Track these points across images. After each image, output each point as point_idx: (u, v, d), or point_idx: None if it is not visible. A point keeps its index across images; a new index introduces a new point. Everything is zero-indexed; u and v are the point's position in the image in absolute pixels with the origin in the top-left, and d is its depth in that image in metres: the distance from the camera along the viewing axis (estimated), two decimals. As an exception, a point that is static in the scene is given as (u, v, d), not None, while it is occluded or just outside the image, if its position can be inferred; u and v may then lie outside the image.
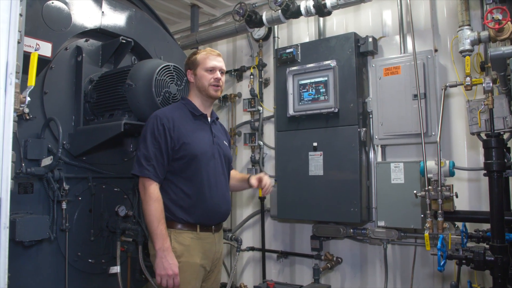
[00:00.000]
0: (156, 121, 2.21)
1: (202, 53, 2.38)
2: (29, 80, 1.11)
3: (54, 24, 2.60)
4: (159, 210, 2.14)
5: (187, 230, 2.23)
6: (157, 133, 2.19)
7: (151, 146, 2.18)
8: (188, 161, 2.22)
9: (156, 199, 2.15)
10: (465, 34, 2.37)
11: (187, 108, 2.36)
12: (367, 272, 3.79)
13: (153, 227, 2.12)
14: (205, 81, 2.33)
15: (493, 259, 2.20)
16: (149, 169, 2.16)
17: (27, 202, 2.45)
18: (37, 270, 2.50)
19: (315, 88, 3.66)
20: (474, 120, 2.52)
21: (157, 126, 2.20)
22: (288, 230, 4.30)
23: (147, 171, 2.16)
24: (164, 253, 2.10)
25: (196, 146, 2.24)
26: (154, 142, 2.19)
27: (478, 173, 3.22)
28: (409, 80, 3.30)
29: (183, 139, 2.22)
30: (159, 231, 2.11)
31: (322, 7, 3.50)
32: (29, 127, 2.48)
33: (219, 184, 2.32)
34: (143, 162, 2.17)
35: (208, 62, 2.34)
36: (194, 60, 2.38)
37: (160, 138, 2.19)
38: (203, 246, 2.28)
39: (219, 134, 2.48)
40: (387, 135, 3.46)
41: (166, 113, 2.27)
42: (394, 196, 3.27)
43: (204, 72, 2.33)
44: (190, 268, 2.20)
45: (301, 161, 3.72)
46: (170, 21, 5.16)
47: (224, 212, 2.38)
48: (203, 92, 2.35)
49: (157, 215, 2.12)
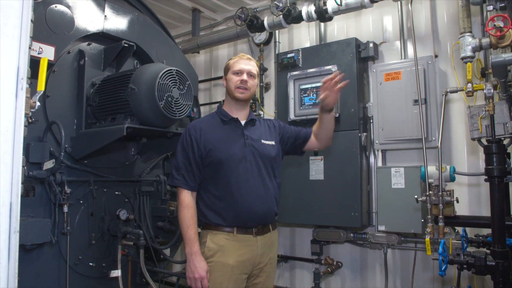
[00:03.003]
0: (185, 133, 2.35)
1: (234, 58, 2.44)
2: (39, 85, 1.12)
3: (57, 28, 2.61)
4: (188, 216, 2.23)
5: (223, 232, 2.26)
6: (185, 144, 2.31)
7: (180, 157, 2.31)
8: (216, 166, 2.27)
9: (186, 206, 2.26)
10: (467, 41, 2.38)
11: (218, 116, 2.43)
12: (367, 277, 3.79)
13: (183, 232, 2.23)
14: (232, 84, 2.36)
15: (494, 264, 2.21)
16: (178, 178, 2.28)
17: (28, 205, 2.45)
18: (38, 273, 2.50)
19: (316, 93, 3.67)
20: (475, 125, 2.54)
21: (185, 137, 2.33)
22: (288, 234, 4.30)
23: (176, 180, 2.28)
24: (192, 256, 2.18)
25: (222, 151, 2.28)
26: (183, 153, 2.31)
27: (477, 178, 3.23)
28: (410, 86, 3.32)
29: (209, 146, 2.28)
30: (188, 235, 2.21)
31: (323, 13, 3.52)
32: (31, 130, 2.49)
33: (252, 186, 2.28)
34: (173, 172, 2.31)
35: (236, 65, 2.37)
36: (227, 66, 2.45)
37: (187, 148, 2.30)
38: (241, 249, 2.24)
39: (258, 135, 2.42)
40: (387, 140, 3.47)
41: (195, 124, 2.38)
42: (394, 200, 3.28)
43: (232, 75, 2.37)
44: (223, 268, 2.20)
45: (301, 166, 3.73)
46: (171, 25, 5.18)
47: (262, 214, 2.31)
48: (230, 95, 2.38)
49: (186, 220, 2.23)
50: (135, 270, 3.02)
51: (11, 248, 0.90)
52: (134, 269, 3.01)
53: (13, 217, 0.92)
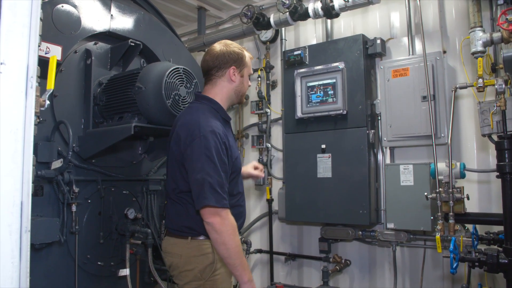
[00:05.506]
0: (218, 140, 1.95)
1: (247, 54, 2.17)
2: (48, 84, 1.12)
3: (64, 28, 2.61)
4: (239, 242, 1.98)
5: None
6: (223, 155, 1.95)
7: (221, 171, 1.93)
8: (236, 176, 2.09)
9: (236, 229, 1.96)
10: (477, 36, 2.36)
11: (219, 114, 2.12)
12: (376, 275, 3.77)
13: (239, 260, 1.93)
14: (246, 86, 2.15)
15: (507, 261, 2.18)
16: (225, 197, 1.91)
17: (37, 204, 2.44)
18: (47, 272, 2.50)
19: (323, 90, 3.65)
20: (486, 121, 2.51)
21: (221, 145, 1.95)
22: (296, 232, 4.29)
23: (225, 201, 1.91)
24: (252, 283, 1.96)
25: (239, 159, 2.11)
26: (223, 166, 1.94)
27: (487, 175, 3.20)
28: (418, 82, 3.29)
29: (235, 154, 2.06)
30: (245, 262, 1.97)
31: (330, 9, 3.50)
32: (39, 130, 2.45)
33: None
34: (219, 190, 1.89)
35: (251, 67, 2.18)
36: (243, 58, 2.11)
37: (226, 160, 1.97)
38: None
39: None
40: (395, 137, 3.45)
41: (218, 127, 2.00)
42: (403, 198, 3.26)
43: (247, 76, 2.15)
44: (228, 278, 2.12)
45: (309, 163, 3.71)
46: (177, 24, 5.17)
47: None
48: (238, 96, 2.16)
49: (240, 246, 1.97)
50: (143, 269, 3.02)
51: (23, 247, 0.90)
52: (143, 267, 3.01)
53: (24, 216, 0.92)
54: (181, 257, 2.07)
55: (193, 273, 2.04)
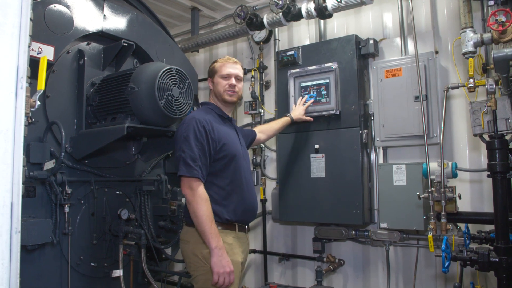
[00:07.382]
0: (197, 124, 2.25)
1: (220, 61, 2.52)
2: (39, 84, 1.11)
3: (56, 28, 2.60)
4: (210, 210, 2.18)
5: (229, 230, 2.31)
6: (199, 135, 2.23)
7: (195, 148, 2.20)
8: (229, 161, 2.30)
9: (206, 199, 2.18)
10: (468, 36, 2.37)
11: (215, 112, 2.47)
12: (370, 274, 3.79)
13: (207, 226, 2.13)
14: (220, 87, 2.46)
15: (497, 260, 2.20)
16: (197, 169, 2.18)
17: (29, 205, 2.44)
18: (40, 274, 2.49)
19: (316, 90, 3.66)
20: (477, 121, 2.53)
21: (199, 128, 2.24)
22: (290, 232, 4.30)
23: (196, 172, 2.17)
24: (220, 251, 2.14)
25: (233, 147, 2.34)
26: (198, 144, 2.21)
27: (479, 174, 3.22)
28: (411, 82, 3.31)
29: (223, 140, 2.29)
30: (213, 230, 2.15)
31: (323, 10, 3.51)
32: (32, 130, 2.48)
33: (251, 184, 2.44)
34: (190, 163, 2.17)
35: (224, 69, 2.47)
36: (213, 68, 2.54)
37: (202, 140, 2.23)
38: (241, 246, 2.39)
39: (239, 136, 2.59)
40: (388, 137, 3.46)
41: (202, 116, 2.32)
42: (396, 197, 3.27)
43: (220, 79, 2.48)
44: (235, 266, 2.25)
45: (302, 163, 3.72)
46: (170, 24, 5.17)
47: (256, 212, 2.51)
48: (219, 97, 2.48)
49: (209, 214, 2.16)
50: (137, 270, 3.02)
51: (13, 248, 0.90)
52: (136, 268, 3.01)
53: (14, 217, 0.91)
54: (188, 243, 2.31)
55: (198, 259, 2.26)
